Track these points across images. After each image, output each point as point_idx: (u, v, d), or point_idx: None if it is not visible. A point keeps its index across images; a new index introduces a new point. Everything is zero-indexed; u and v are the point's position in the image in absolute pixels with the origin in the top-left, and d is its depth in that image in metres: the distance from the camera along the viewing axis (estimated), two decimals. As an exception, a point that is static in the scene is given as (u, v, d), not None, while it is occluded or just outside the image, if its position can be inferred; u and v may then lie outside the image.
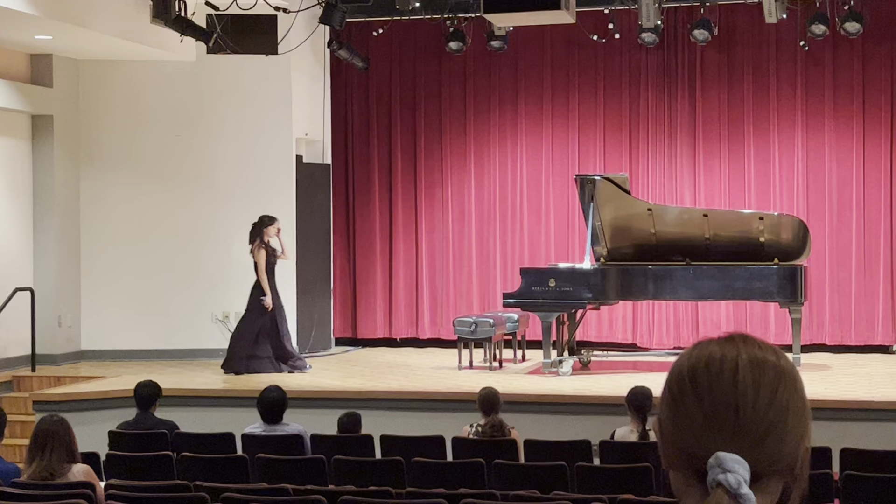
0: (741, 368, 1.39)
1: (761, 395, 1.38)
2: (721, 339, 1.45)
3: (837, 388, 10.65)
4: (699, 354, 1.43)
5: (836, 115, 13.59)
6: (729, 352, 1.42)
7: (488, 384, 8.53)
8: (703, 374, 1.40)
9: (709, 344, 1.45)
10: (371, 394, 10.63)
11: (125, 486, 6.25)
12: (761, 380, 1.39)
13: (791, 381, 1.42)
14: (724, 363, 1.40)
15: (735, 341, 1.44)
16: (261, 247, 12.12)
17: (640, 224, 12.01)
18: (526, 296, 11.66)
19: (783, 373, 1.41)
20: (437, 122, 14.67)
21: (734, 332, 1.47)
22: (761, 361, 1.41)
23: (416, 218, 14.66)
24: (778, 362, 1.42)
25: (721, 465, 1.34)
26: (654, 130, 14.06)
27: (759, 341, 1.45)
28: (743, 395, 1.38)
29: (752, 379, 1.39)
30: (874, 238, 13.49)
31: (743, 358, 1.41)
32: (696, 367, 1.42)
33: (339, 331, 14.79)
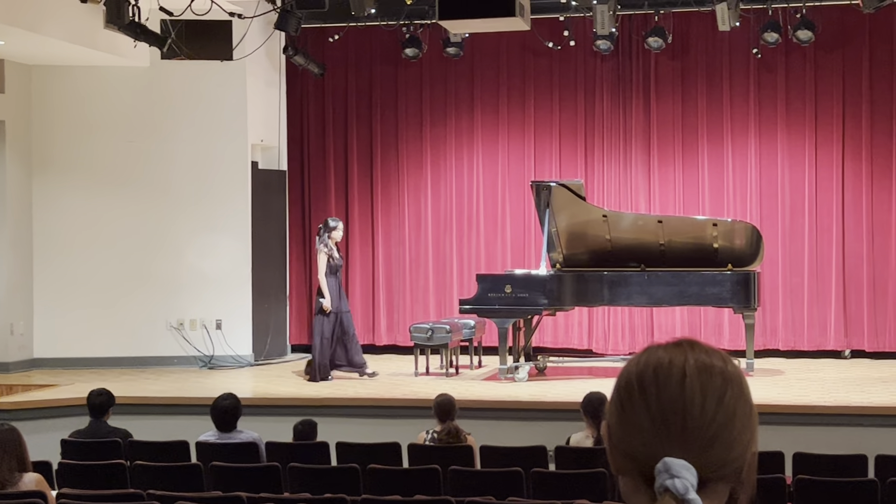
0: (689, 374, 1.40)
1: (708, 400, 1.38)
2: (669, 345, 1.45)
3: (790, 393, 10.73)
4: (647, 360, 1.43)
5: (788, 122, 13.72)
6: (677, 358, 1.42)
7: (445, 390, 8.52)
8: (650, 380, 1.41)
9: (657, 349, 1.45)
10: (327, 401, 10.59)
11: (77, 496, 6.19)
12: (708, 386, 1.39)
13: (738, 387, 1.42)
14: (672, 369, 1.40)
15: (683, 347, 1.44)
16: (322, 250, 12.00)
17: (596, 230, 12.06)
18: (482, 302, 11.66)
19: (730, 379, 1.42)
20: (393, 128, 14.65)
21: (682, 338, 1.47)
22: (708, 367, 1.41)
23: (373, 224, 14.64)
24: (725, 368, 1.42)
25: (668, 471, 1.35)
26: (609, 137, 14.13)
27: (706, 347, 1.45)
28: (690, 401, 1.38)
29: (700, 385, 1.39)
30: (826, 244, 13.63)
31: (690, 364, 1.41)
32: (644, 373, 1.42)
33: (294, 338, 14.73)
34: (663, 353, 1.43)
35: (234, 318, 13.56)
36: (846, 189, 13.60)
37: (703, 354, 1.43)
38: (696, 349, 1.44)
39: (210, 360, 13.39)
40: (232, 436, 7.71)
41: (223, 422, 7.73)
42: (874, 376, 11.92)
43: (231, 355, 13.45)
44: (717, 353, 1.45)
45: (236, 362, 13.41)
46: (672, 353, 1.43)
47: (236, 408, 7.82)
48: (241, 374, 12.90)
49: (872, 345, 13.45)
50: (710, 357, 1.43)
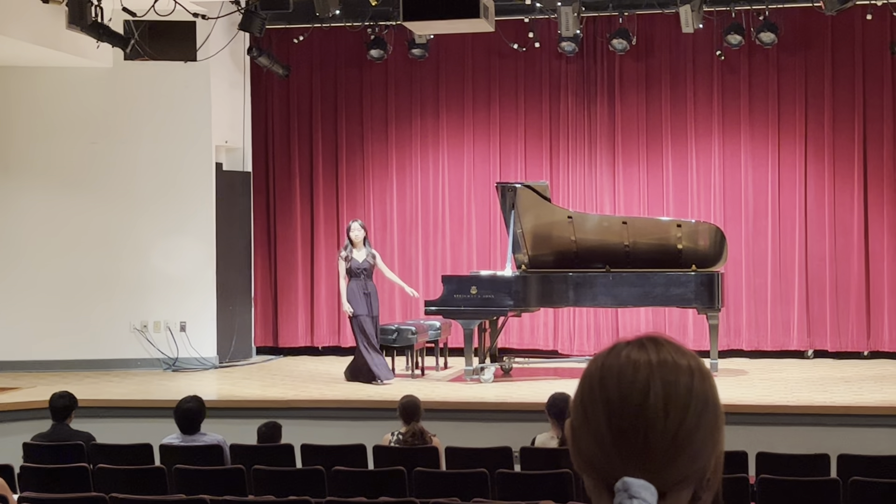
0: (653, 388, 1.38)
1: (671, 418, 1.37)
2: (634, 345, 1.43)
3: (754, 393, 10.81)
4: (610, 366, 1.42)
5: (751, 124, 13.81)
6: (641, 364, 1.40)
7: (410, 392, 8.52)
8: (613, 391, 1.39)
9: (621, 350, 1.43)
10: (292, 403, 10.57)
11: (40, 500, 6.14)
12: (673, 398, 1.38)
13: (702, 395, 1.40)
14: (636, 380, 1.39)
15: (647, 349, 1.42)
16: (339, 255, 11.90)
17: (561, 232, 12.09)
18: (448, 303, 11.66)
19: (694, 390, 1.39)
20: (358, 129, 14.64)
21: (648, 336, 1.45)
22: (673, 381, 1.39)
23: (338, 226, 14.61)
24: (691, 376, 1.40)
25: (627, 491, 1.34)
26: (574, 138, 14.17)
27: (672, 345, 1.44)
28: (653, 419, 1.37)
29: (664, 397, 1.37)
30: (789, 245, 13.73)
31: (655, 371, 1.39)
32: (607, 382, 1.40)
33: (259, 340, 14.68)
34: (626, 360, 1.41)
35: (198, 320, 13.50)
36: (809, 190, 13.70)
37: (668, 354, 1.42)
38: (662, 349, 1.42)
39: (174, 362, 13.33)
40: (196, 438, 7.67)
41: (187, 424, 7.69)
42: (836, 376, 12.01)
43: (195, 357, 13.39)
44: (683, 352, 1.43)
45: (200, 364, 13.35)
46: (637, 357, 1.41)
47: (200, 410, 7.78)
48: (205, 377, 12.84)
49: (835, 345, 13.56)
50: (676, 356, 1.42)
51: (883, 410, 9.73)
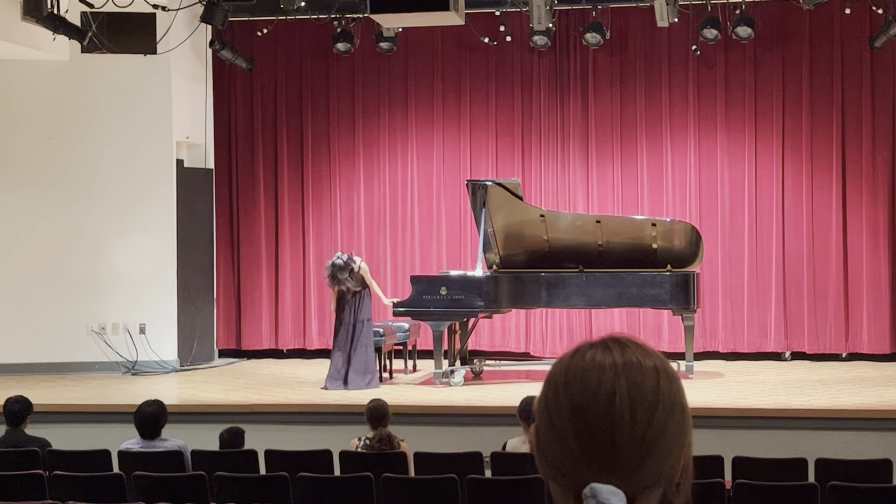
0: (618, 392, 1.38)
1: (638, 421, 1.38)
2: (598, 347, 1.44)
3: (730, 395, 10.86)
4: (575, 369, 1.42)
5: (728, 120, 13.88)
6: (606, 367, 1.40)
7: (377, 396, 8.51)
8: (578, 395, 1.40)
9: (585, 353, 1.44)
10: (256, 407, 10.54)
11: (-8, 508, 6.09)
12: (638, 404, 1.39)
13: (669, 397, 1.41)
14: (601, 385, 1.39)
15: (612, 350, 1.43)
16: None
17: (533, 231, 12.11)
18: (417, 304, 11.66)
19: (661, 392, 1.40)
20: (324, 125, 14.61)
21: (613, 336, 1.46)
22: (639, 383, 1.40)
23: (304, 224, 14.58)
24: (657, 378, 1.41)
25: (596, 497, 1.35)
26: (547, 135, 14.20)
27: (638, 347, 1.44)
28: (619, 423, 1.37)
29: (629, 400, 1.38)
30: (766, 244, 13.80)
31: (620, 375, 1.40)
32: (572, 386, 1.41)
33: (222, 342, 14.64)
34: (591, 363, 1.42)
35: (158, 321, 13.44)
36: (786, 188, 13.78)
37: (633, 355, 1.42)
38: (627, 350, 1.43)
39: (133, 365, 13.26)
40: (156, 444, 7.64)
41: (147, 429, 7.66)
42: (814, 378, 12.09)
43: (155, 360, 13.33)
44: (649, 352, 1.44)
45: (161, 368, 13.29)
46: (602, 359, 1.42)
47: (161, 415, 7.74)
48: (165, 380, 12.79)
49: (813, 346, 13.64)
50: (641, 357, 1.42)
51: (861, 413, 9.79)
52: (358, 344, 11.61)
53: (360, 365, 11.60)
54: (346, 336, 11.66)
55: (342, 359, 11.62)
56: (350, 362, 11.60)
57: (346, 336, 11.64)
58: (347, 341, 11.64)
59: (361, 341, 11.62)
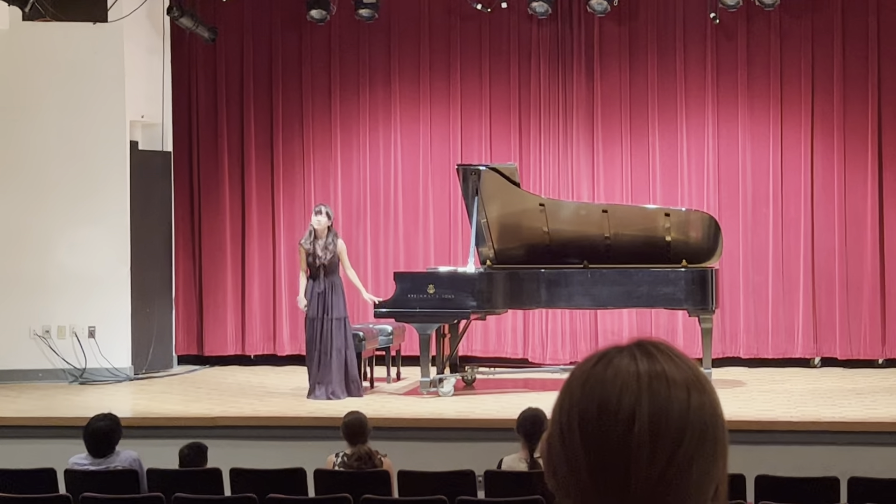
0: (638, 419, 1.36)
1: (659, 451, 1.36)
2: (626, 353, 1.42)
3: (753, 407, 10.87)
4: (594, 382, 1.40)
5: (750, 98, 13.88)
6: (628, 389, 1.38)
7: (356, 407, 8.51)
8: (592, 416, 1.38)
9: (611, 360, 1.41)
10: (220, 420, 10.53)
11: (-78, 535, 6.07)
12: (662, 433, 1.36)
13: (699, 424, 1.38)
14: (620, 407, 1.37)
15: (637, 359, 1.40)
16: (300, 244, 11.75)
17: (532, 221, 12.11)
18: (401, 305, 11.65)
19: (691, 415, 1.38)
20: (297, 103, 14.59)
21: (641, 341, 1.44)
22: (664, 404, 1.37)
23: (274, 215, 14.56)
24: (687, 394, 1.38)
25: None
26: (547, 114, 14.20)
27: (668, 355, 1.42)
28: (636, 457, 1.35)
29: (651, 432, 1.36)
30: (794, 237, 13.82)
31: (643, 402, 1.37)
32: (587, 406, 1.38)
33: (182, 347, 14.61)
34: (613, 375, 1.39)
35: (109, 324, 13.42)
36: (816, 174, 13.80)
37: (661, 365, 1.40)
38: (655, 360, 1.40)
39: (81, 373, 13.25)
40: (108, 461, 7.63)
41: (98, 445, 7.65)
42: (847, 388, 12.12)
43: (106, 368, 13.31)
44: (680, 362, 1.41)
45: (113, 376, 13.27)
46: (626, 369, 1.39)
47: (114, 430, 7.74)
48: (118, 390, 12.77)
49: (845, 352, 13.67)
50: (671, 368, 1.39)
51: (900, 427, 9.82)
52: (331, 347, 11.59)
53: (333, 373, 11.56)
54: (312, 333, 11.62)
55: (312, 362, 11.60)
56: (320, 367, 11.56)
57: (315, 334, 11.60)
58: (315, 340, 11.59)
59: (335, 344, 11.59)
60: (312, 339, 11.65)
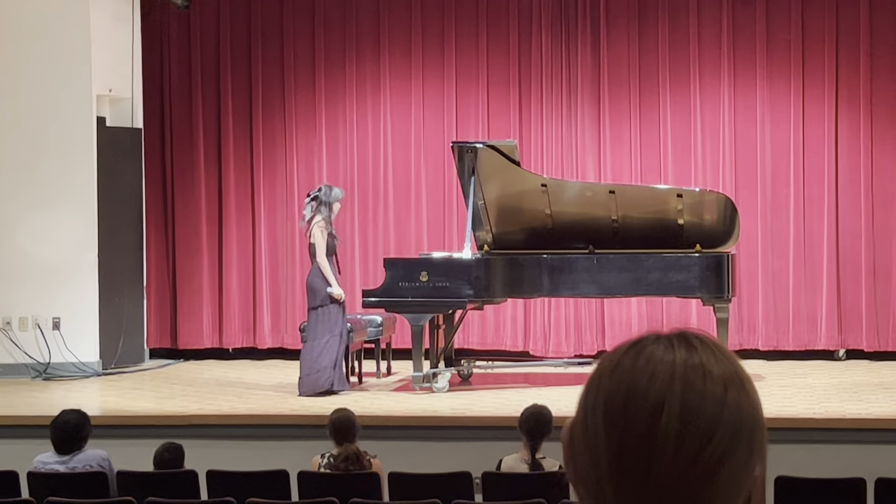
0: (667, 409, 1.36)
1: (685, 448, 1.36)
2: (663, 342, 1.42)
3: (772, 403, 10.87)
4: (625, 368, 1.40)
5: (769, 68, 13.88)
6: (659, 376, 1.38)
7: (343, 405, 8.52)
8: (619, 402, 1.38)
9: (645, 348, 1.42)
10: (195, 418, 10.54)
11: None
12: (690, 426, 1.36)
13: (734, 424, 1.38)
14: (649, 396, 1.37)
15: (675, 349, 1.41)
16: (318, 226, 11.73)
17: (533, 203, 12.12)
18: (391, 293, 11.66)
19: (725, 413, 1.38)
20: (278, 75, 14.58)
21: (683, 332, 1.44)
22: (697, 397, 1.37)
23: (253, 197, 14.56)
24: (724, 391, 1.39)
25: None
26: (549, 87, 14.19)
27: (710, 348, 1.42)
28: (660, 450, 1.35)
29: (679, 424, 1.36)
30: (817, 219, 13.83)
31: (674, 392, 1.37)
32: (615, 392, 1.39)
33: (154, 340, 14.63)
34: (645, 363, 1.39)
35: (75, 315, 13.42)
36: (841, 151, 13.81)
37: (700, 357, 1.40)
38: (694, 351, 1.40)
39: (45, 368, 13.26)
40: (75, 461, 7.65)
41: (66, 442, 7.67)
42: (874, 382, 12.15)
43: (72, 362, 13.31)
44: (722, 357, 1.41)
45: (79, 371, 13.28)
46: (660, 357, 1.39)
47: (83, 425, 7.77)
48: (85, 386, 12.78)
49: (872, 343, 13.71)
50: (710, 362, 1.39)
51: (931, 423, 9.86)
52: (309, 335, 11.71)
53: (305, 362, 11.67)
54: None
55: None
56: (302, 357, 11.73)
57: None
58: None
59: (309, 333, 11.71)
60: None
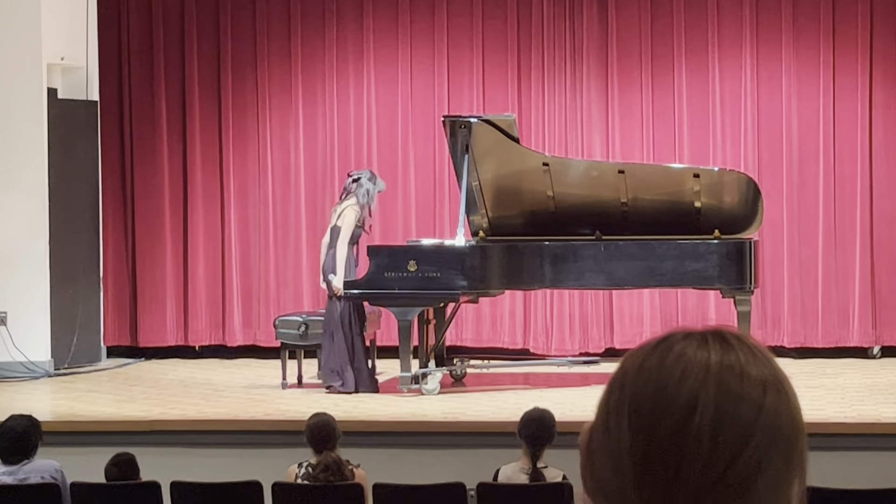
0: (701, 407, 1.36)
1: (721, 450, 1.36)
2: (695, 339, 1.42)
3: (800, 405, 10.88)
4: (652, 367, 1.40)
5: (797, 31, 13.87)
6: (692, 374, 1.38)
7: (323, 408, 8.51)
8: (647, 401, 1.38)
9: (674, 345, 1.42)
10: (158, 424, 10.55)
11: None
12: (726, 427, 1.36)
13: (772, 428, 1.39)
14: (681, 393, 1.37)
15: (709, 347, 1.41)
16: (352, 208, 11.90)
17: (533, 184, 12.12)
18: (376, 285, 11.66)
19: (763, 415, 1.38)
20: (249, 42, 14.55)
21: (717, 329, 1.44)
22: (734, 398, 1.37)
23: (222, 177, 14.54)
24: (763, 393, 1.39)
25: None
26: (551, 55, 14.18)
27: (747, 348, 1.42)
28: (694, 450, 1.35)
29: (713, 424, 1.36)
30: (849, 202, 13.83)
31: (708, 391, 1.37)
32: (642, 390, 1.39)
33: (111, 337, 14.61)
34: (676, 360, 1.39)
35: (24, 310, 13.42)
36: (875, 126, 13.82)
37: (737, 357, 1.40)
38: (730, 350, 1.41)
39: (-9, 369, 13.27)
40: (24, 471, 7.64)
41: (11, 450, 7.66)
42: (912, 382, 12.18)
43: (21, 362, 13.31)
44: (762, 358, 1.42)
45: (28, 371, 13.28)
46: (692, 356, 1.39)
47: (32, 432, 7.77)
48: (35, 389, 12.79)
49: (910, 339, 13.75)
50: (747, 363, 1.40)
51: (976, 428, 9.87)
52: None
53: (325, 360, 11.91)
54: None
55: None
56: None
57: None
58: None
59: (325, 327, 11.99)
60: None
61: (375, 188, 12.09)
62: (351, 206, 11.93)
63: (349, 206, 11.93)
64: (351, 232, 11.87)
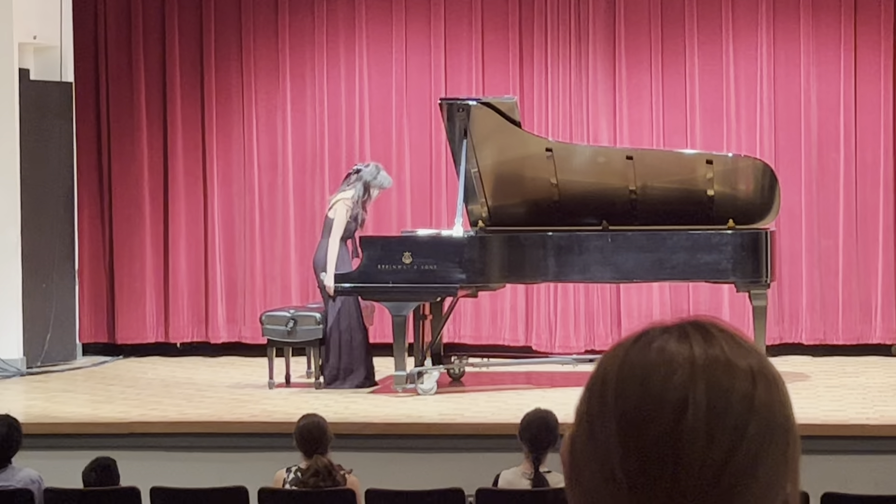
0: (692, 404, 1.37)
1: (716, 446, 1.37)
2: (674, 333, 1.43)
3: (818, 406, 10.91)
4: (635, 363, 1.41)
5: (815, 10, 13.87)
6: (679, 369, 1.39)
7: (312, 409, 8.52)
8: (633, 402, 1.39)
9: (653, 342, 1.42)
10: (137, 426, 10.56)
11: None
12: (720, 422, 1.37)
13: (767, 418, 1.40)
14: (668, 390, 1.38)
15: (691, 340, 1.42)
16: (344, 202, 11.97)
17: (536, 171, 12.12)
18: (369, 278, 11.67)
19: (756, 406, 1.39)
20: (234, 20, 14.55)
21: (695, 320, 1.45)
22: (725, 390, 1.38)
23: (205, 164, 14.54)
24: (752, 384, 1.40)
25: None
26: (556, 32, 14.18)
27: (729, 338, 1.44)
28: (689, 448, 1.36)
29: (707, 421, 1.37)
30: (871, 190, 13.84)
31: (698, 386, 1.38)
32: (627, 390, 1.40)
33: (87, 333, 14.61)
34: (658, 356, 1.40)
35: (-5, 305, 13.44)
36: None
37: (721, 349, 1.41)
38: (714, 341, 1.42)
39: (-40, 368, 13.28)
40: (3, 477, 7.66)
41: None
42: (939, 381, 12.19)
43: (-8, 361, 13.34)
44: (745, 347, 1.43)
45: (1, 371, 13.28)
46: (675, 351, 1.40)
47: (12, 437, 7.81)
48: (7, 388, 12.78)
49: (937, 336, 13.76)
50: (732, 353, 1.41)
51: None
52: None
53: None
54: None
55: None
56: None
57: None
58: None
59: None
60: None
61: (376, 183, 12.05)
62: (343, 199, 11.96)
63: (341, 200, 11.96)
64: (343, 227, 11.88)
